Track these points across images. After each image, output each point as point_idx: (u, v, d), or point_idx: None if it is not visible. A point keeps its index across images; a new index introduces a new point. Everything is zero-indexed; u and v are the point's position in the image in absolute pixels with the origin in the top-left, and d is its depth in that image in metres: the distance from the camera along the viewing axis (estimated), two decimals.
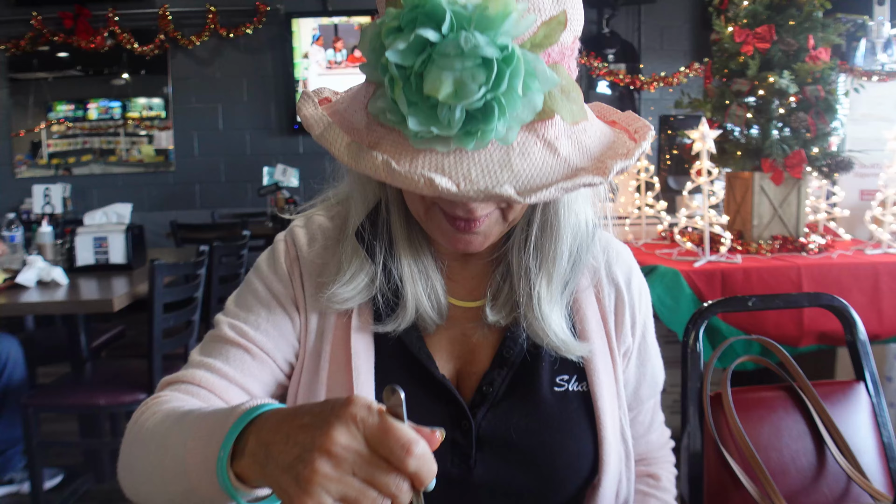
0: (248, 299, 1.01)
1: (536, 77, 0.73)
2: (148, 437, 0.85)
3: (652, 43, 7.01)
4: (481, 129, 0.72)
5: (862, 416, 1.34)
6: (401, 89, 0.71)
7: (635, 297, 1.09)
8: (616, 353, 1.05)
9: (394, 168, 0.73)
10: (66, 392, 2.79)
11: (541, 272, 0.98)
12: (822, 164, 3.09)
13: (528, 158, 0.76)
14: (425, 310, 0.97)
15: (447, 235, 0.90)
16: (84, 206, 6.15)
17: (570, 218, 0.97)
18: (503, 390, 0.99)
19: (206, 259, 3.04)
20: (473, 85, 0.69)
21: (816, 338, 2.81)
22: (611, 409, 1.01)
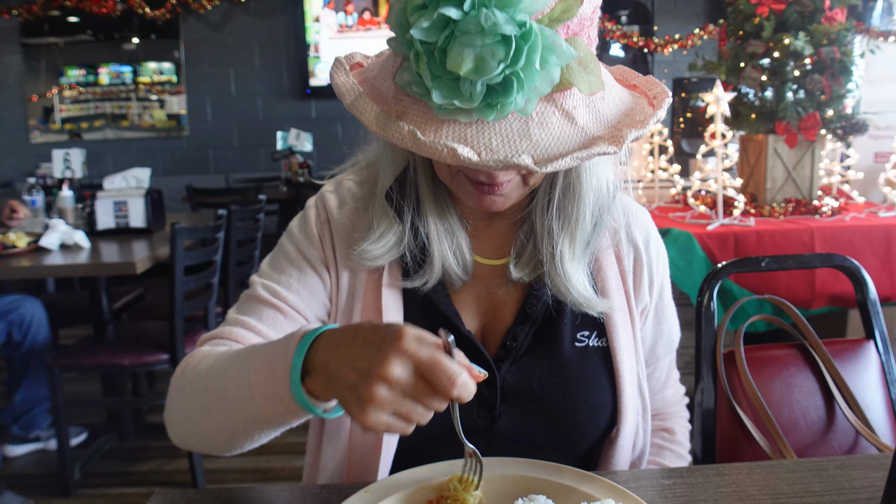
0: (280, 261, 1.08)
1: (554, 52, 0.76)
2: (202, 378, 0.92)
3: (665, 5, 6.92)
4: (501, 102, 0.75)
5: (871, 374, 1.37)
6: (425, 64, 0.75)
7: (653, 258, 1.13)
8: (634, 310, 1.09)
9: (419, 138, 0.77)
10: (91, 353, 2.86)
11: (563, 232, 1.01)
12: (836, 127, 3.08)
13: (547, 128, 0.79)
14: (451, 266, 1.02)
15: (472, 197, 0.93)
16: (98, 171, 6.20)
17: (592, 181, 1.00)
18: (526, 345, 1.04)
19: (224, 223, 3.08)
20: (493, 61, 0.72)
21: (828, 300, 2.84)
22: (629, 363, 1.06)
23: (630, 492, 0.83)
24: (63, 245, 3.04)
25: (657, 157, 3.56)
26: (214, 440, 0.92)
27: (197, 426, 0.92)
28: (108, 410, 3.53)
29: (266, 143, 6.70)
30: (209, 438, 0.92)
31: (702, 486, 0.91)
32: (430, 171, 1.01)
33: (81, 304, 3.54)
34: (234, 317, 1.05)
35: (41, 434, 3.26)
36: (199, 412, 0.91)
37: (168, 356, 2.81)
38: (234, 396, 0.85)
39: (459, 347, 1.00)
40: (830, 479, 0.91)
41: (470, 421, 1.00)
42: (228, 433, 0.89)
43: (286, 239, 1.10)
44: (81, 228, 3.20)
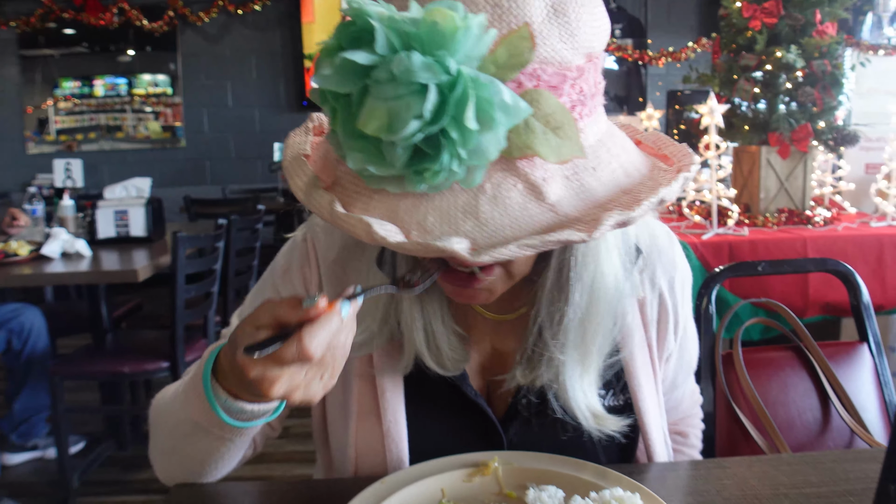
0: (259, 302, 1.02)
1: (497, 107, 0.60)
2: (160, 415, 0.94)
3: (659, 18, 7.01)
4: (428, 169, 0.61)
5: (865, 375, 1.41)
6: (339, 121, 0.63)
7: (678, 296, 1.02)
8: (657, 363, 1.01)
9: (335, 210, 0.65)
10: (91, 361, 2.87)
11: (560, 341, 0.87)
12: (828, 138, 3.14)
13: (501, 205, 0.64)
14: (426, 359, 0.91)
15: (455, 293, 0.82)
16: (94, 183, 6.21)
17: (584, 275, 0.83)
18: (537, 405, 0.95)
19: (224, 232, 3.10)
20: (407, 115, 0.58)
21: (821, 308, 2.88)
22: (654, 419, 0.98)
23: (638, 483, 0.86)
24: (64, 253, 3.06)
25: None
26: (190, 470, 0.93)
27: (169, 461, 0.94)
28: (106, 419, 3.53)
29: (263, 154, 6.74)
30: (184, 470, 0.94)
31: (704, 479, 0.94)
32: None
33: (80, 312, 3.55)
34: None
35: (39, 442, 3.26)
36: (166, 448, 0.94)
37: (168, 364, 2.83)
38: (179, 422, 0.86)
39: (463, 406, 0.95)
40: (827, 472, 0.95)
41: None
42: (194, 461, 0.91)
43: (269, 277, 1.03)
44: (82, 237, 3.22)
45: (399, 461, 0.93)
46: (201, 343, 3.08)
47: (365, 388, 0.95)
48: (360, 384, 0.96)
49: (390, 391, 0.94)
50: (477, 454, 0.94)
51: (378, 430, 0.94)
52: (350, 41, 0.59)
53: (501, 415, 0.97)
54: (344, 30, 0.60)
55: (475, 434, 0.96)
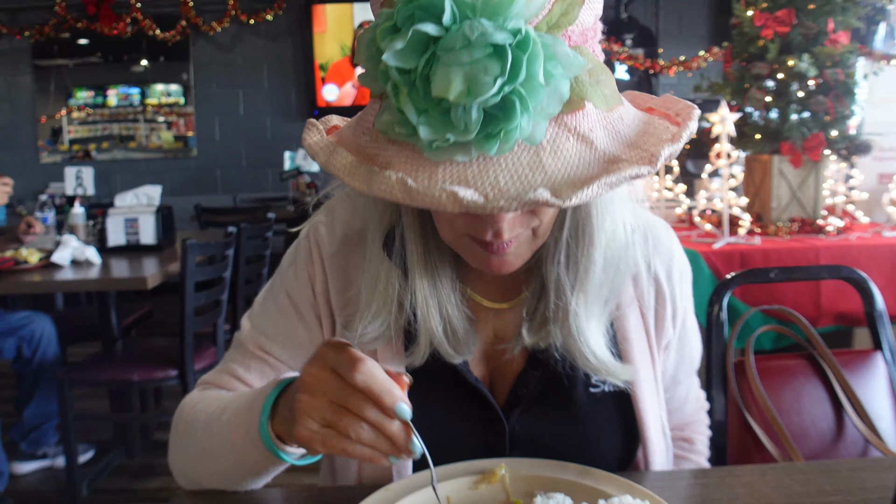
0: (269, 307, 1.04)
1: (558, 61, 0.64)
2: (194, 426, 0.95)
3: (670, 27, 7.01)
4: (503, 129, 0.63)
5: (879, 384, 1.39)
6: (406, 95, 0.64)
7: (676, 286, 1.04)
8: (655, 349, 1.02)
9: (410, 186, 0.65)
10: (101, 368, 2.87)
11: (575, 285, 0.90)
12: (840, 147, 3.12)
13: (562, 156, 0.67)
14: (441, 345, 0.92)
15: (480, 260, 0.85)
16: (106, 191, 6.25)
17: (605, 223, 0.89)
18: (538, 392, 0.97)
19: (234, 240, 3.11)
20: (487, 78, 0.60)
21: (834, 318, 2.85)
22: (651, 407, 0.99)
23: (647, 490, 0.85)
24: (74, 261, 3.06)
25: (662, 177, 3.60)
26: (213, 483, 0.95)
27: (195, 470, 0.96)
28: (115, 427, 3.53)
29: (274, 163, 6.76)
30: (207, 481, 0.96)
31: (716, 487, 0.93)
32: (420, 232, 0.90)
33: (90, 320, 3.56)
34: (226, 364, 1.05)
35: (48, 451, 3.26)
36: (194, 459, 0.95)
37: (177, 372, 2.82)
38: (216, 446, 0.89)
39: (466, 394, 0.97)
40: (842, 480, 0.93)
41: None
42: (222, 478, 0.93)
43: (277, 278, 1.05)
44: (92, 245, 3.23)
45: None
46: (210, 351, 3.08)
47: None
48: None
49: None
50: (483, 461, 0.93)
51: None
52: (414, 15, 0.61)
53: (503, 403, 0.98)
54: (406, 6, 0.61)
55: (478, 422, 0.97)
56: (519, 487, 0.90)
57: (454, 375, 0.96)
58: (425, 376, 0.94)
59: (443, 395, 0.97)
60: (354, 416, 0.71)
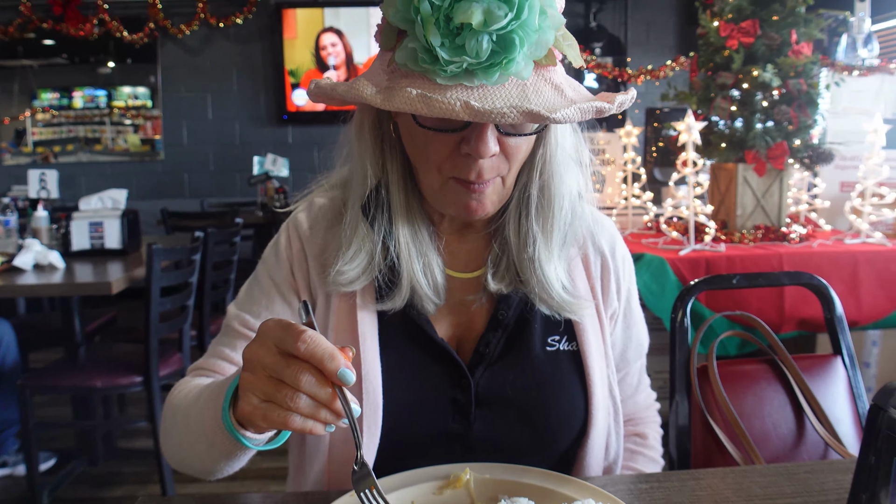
0: (253, 289, 1.12)
1: (547, 15, 0.82)
2: (177, 411, 1.00)
3: (638, 37, 7.09)
4: (506, 58, 0.80)
5: (839, 388, 1.41)
6: (433, 25, 0.79)
7: (619, 265, 1.17)
8: (603, 315, 1.13)
9: (429, 97, 0.80)
10: (63, 374, 2.82)
11: (541, 234, 1.04)
12: (803, 156, 3.17)
13: (541, 95, 0.84)
14: (421, 287, 1.03)
15: (461, 202, 0.96)
16: (71, 195, 6.15)
17: (562, 186, 1.04)
18: (499, 351, 1.06)
19: (200, 245, 3.07)
20: (500, 13, 0.77)
21: (797, 324, 2.90)
22: (599, 367, 1.09)
23: (610, 494, 0.85)
24: (37, 265, 3.01)
25: (630, 184, 3.63)
26: (194, 467, 0.98)
27: (179, 453, 1.00)
28: (78, 434, 3.47)
29: (242, 167, 6.71)
30: (189, 465, 0.99)
31: (678, 490, 0.94)
32: (403, 188, 1.04)
33: (53, 326, 3.50)
34: (213, 347, 1.11)
35: (9, 459, 3.20)
36: (177, 442, 0.99)
37: (142, 378, 2.78)
38: (194, 430, 0.92)
39: (435, 355, 1.05)
40: (801, 483, 0.95)
41: (446, 426, 1.02)
42: (201, 461, 0.95)
43: (260, 265, 1.14)
44: (56, 249, 3.18)
45: (374, 407, 1.00)
46: (176, 357, 3.04)
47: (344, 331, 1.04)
48: (339, 328, 1.05)
49: (368, 336, 1.03)
50: (448, 466, 0.93)
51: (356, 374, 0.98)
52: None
53: (468, 361, 1.06)
54: None
55: (446, 379, 1.04)
56: (483, 492, 0.90)
57: (424, 336, 1.05)
58: (398, 339, 1.05)
59: (414, 355, 1.06)
60: (291, 388, 0.73)
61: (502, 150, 0.93)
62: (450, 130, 0.90)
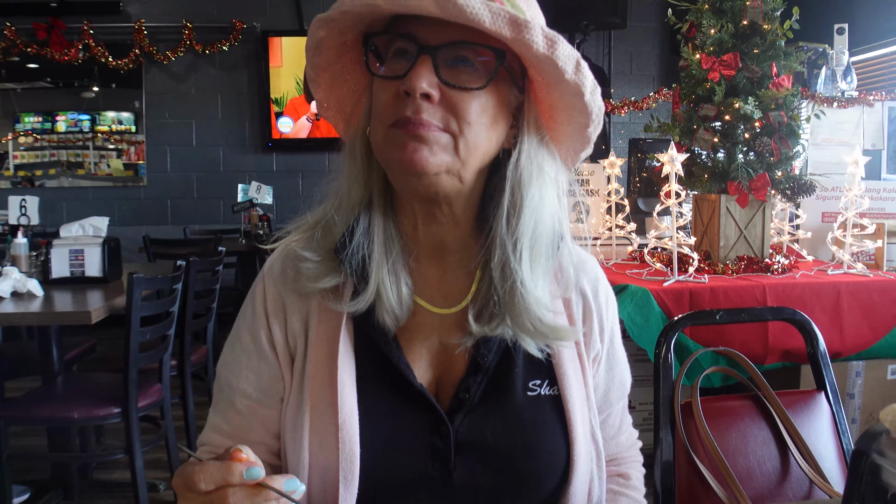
0: (234, 347, 1.09)
1: None
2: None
3: (622, 68, 7.18)
4: None
5: (823, 424, 1.41)
6: None
7: (602, 306, 1.14)
8: (585, 358, 1.10)
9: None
10: (39, 405, 2.77)
11: (519, 250, 0.99)
12: (785, 188, 3.20)
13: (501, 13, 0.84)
14: (386, 292, 1.00)
15: (400, 147, 0.92)
16: (52, 220, 6.10)
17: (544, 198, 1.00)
18: (479, 396, 1.03)
19: (182, 274, 3.05)
20: None
21: (781, 355, 2.90)
22: (581, 411, 1.06)
23: None
24: (15, 293, 2.97)
25: (614, 215, 3.65)
26: None
27: None
28: (53, 466, 3.40)
29: (226, 195, 6.69)
30: None
31: None
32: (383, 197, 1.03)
33: (31, 354, 3.44)
34: (211, 417, 1.10)
35: None
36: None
37: (120, 410, 2.74)
38: None
39: (413, 400, 1.02)
40: None
41: (425, 473, 1.00)
42: None
43: (239, 319, 1.11)
44: (35, 277, 3.14)
45: (351, 456, 0.97)
46: (156, 388, 3.00)
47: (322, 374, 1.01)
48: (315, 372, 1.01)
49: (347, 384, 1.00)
50: None
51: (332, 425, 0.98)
52: None
53: (447, 407, 1.02)
54: None
55: (424, 425, 1.01)
56: None
57: (402, 381, 1.01)
58: (376, 383, 1.01)
59: (391, 401, 1.02)
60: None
61: (445, 101, 0.91)
62: (394, 77, 0.91)
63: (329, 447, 0.97)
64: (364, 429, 0.99)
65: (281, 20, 6.85)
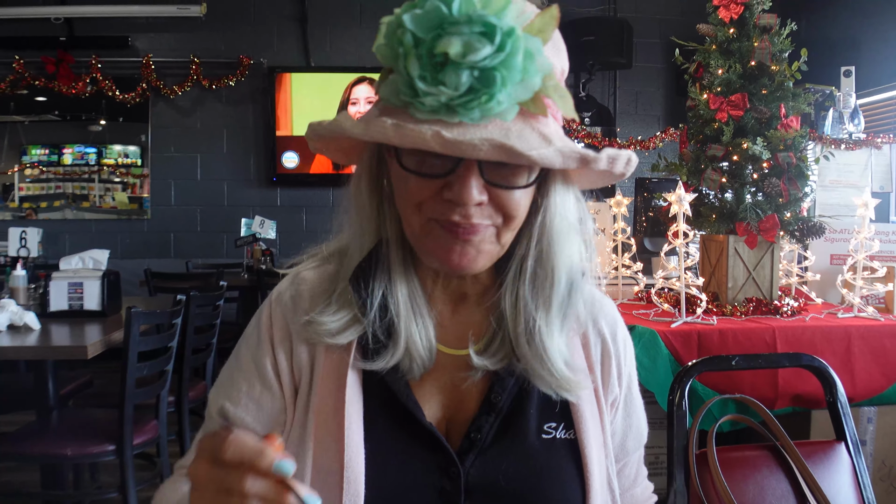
0: (233, 372, 1.04)
1: (534, 58, 0.79)
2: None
3: (627, 107, 7.20)
4: (485, 94, 0.77)
5: (843, 477, 1.35)
6: (413, 58, 0.77)
7: (621, 349, 1.10)
8: (603, 402, 1.06)
9: (401, 125, 0.78)
10: (32, 441, 2.71)
11: (539, 303, 0.98)
12: (794, 229, 3.16)
13: (525, 141, 0.80)
14: (416, 347, 0.96)
15: (444, 247, 0.90)
16: (55, 252, 6.07)
17: (562, 256, 0.98)
18: (491, 437, 0.99)
19: (182, 308, 3.00)
20: (480, 46, 0.76)
21: (791, 400, 2.84)
22: (598, 457, 1.02)
23: None
24: (12, 326, 2.92)
25: (620, 254, 3.61)
26: None
27: None
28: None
29: (230, 229, 6.66)
30: None
31: None
32: (401, 246, 0.97)
33: (26, 387, 3.38)
34: (195, 442, 1.01)
35: None
36: None
37: (114, 447, 2.68)
38: None
39: (421, 440, 0.97)
40: None
41: None
42: None
43: (242, 343, 1.06)
44: (32, 310, 3.09)
45: (356, 497, 0.92)
46: (152, 424, 2.93)
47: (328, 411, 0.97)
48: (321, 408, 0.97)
49: (354, 420, 0.95)
50: None
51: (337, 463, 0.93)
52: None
53: (457, 448, 0.98)
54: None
55: (433, 467, 0.96)
56: None
57: (409, 418, 0.97)
58: (383, 422, 0.97)
59: (399, 440, 0.98)
60: (238, 496, 0.68)
61: (493, 201, 0.88)
62: (433, 176, 0.86)
63: (332, 487, 0.92)
64: (370, 469, 0.94)
65: (288, 56, 6.90)
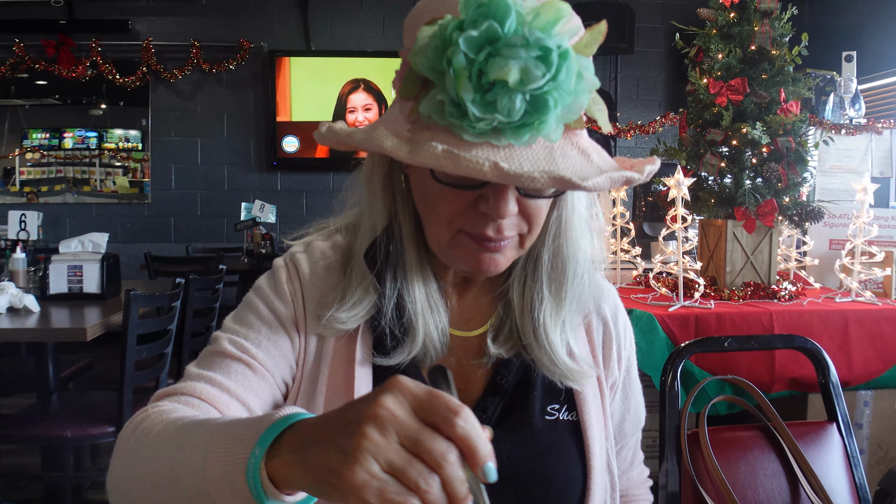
0: (248, 317, 1.00)
1: (584, 78, 0.78)
2: (156, 442, 0.80)
3: (628, 92, 7.17)
4: (538, 119, 0.75)
5: (835, 457, 1.36)
6: (465, 79, 0.74)
7: (621, 333, 1.13)
8: (604, 385, 1.08)
9: (456, 154, 0.74)
10: (33, 423, 2.73)
11: (548, 300, 1.00)
12: (792, 214, 3.16)
13: (568, 160, 0.80)
14: (432, 341, 0.98)
15: (471, 257, 0.91)
16: (55, 236, 6.08)
17: (578, 251, 1.00)
18: (496, 417, 1.00)
19: (181, 291, 3.01)
20: (538, 72, 0.73)
21: (788, 384, 2.85)
22: (599, 438, 1.03)
23: None
24: (11, 308, 2.93)
25: (619, 239, 3.61)
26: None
27: (139, 494, 0.80)
28: (45, 486, 3.34)
29: (230, 213, 6.67)
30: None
31: None
32: (416, 241, 0.97)
33: (25, 371, 3.40)
34: (196, 372, 0.95)
35: None
36: (145, 480, 0.79)
37: (114, 429, 2.69)
38: (183, 470, 0.73)
39: None
40: None
41: None
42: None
43: (254, 294, 1.03)
44: (32, 292, 3.10)
45: None
46: None
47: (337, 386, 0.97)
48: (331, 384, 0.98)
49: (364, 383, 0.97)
50: None
51: None
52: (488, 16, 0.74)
53: None
54: (474, 10, 0.74)
55: None
56: None
57: None
58: None
59: None
60: (427, 467, 0.57)
61: (521, 211, 0.89)
62: (468, 188, 0.86)
63: None
64: None
65: (289, 40, 6.88)
